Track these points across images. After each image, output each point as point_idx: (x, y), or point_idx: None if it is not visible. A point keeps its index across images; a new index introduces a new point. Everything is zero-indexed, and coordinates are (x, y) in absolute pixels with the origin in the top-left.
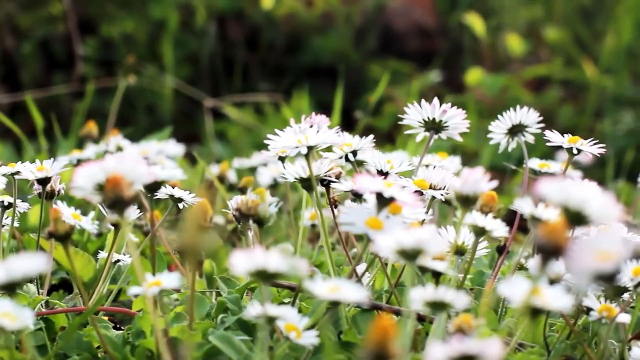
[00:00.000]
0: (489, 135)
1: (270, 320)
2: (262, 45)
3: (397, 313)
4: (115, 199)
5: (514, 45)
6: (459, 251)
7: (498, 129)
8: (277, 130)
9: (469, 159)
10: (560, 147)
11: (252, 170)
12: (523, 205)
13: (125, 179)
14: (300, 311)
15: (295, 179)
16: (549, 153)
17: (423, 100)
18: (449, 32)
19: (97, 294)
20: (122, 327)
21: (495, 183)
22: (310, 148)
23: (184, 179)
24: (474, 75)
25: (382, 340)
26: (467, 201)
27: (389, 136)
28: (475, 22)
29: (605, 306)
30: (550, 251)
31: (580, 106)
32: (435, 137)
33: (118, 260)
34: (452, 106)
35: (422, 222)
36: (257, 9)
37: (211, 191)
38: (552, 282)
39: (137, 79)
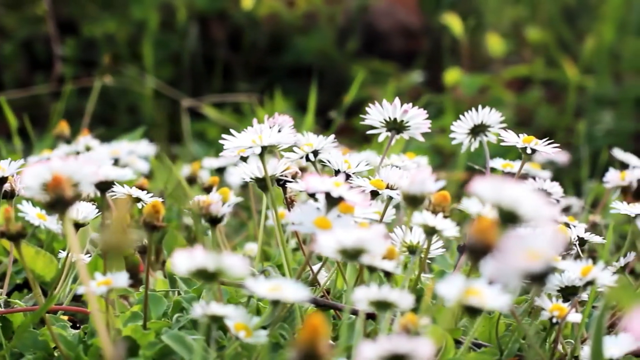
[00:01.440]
0: (451, 136)
1: (216, 319)
2: (245, 46)
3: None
4: (56, 198)
5: (495, 45)
6: (413, 250)
7: (460, 129)
8: (232, 131)
9: (446, 158)
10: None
11: (222, 170)
12: (470, 205)
13: (69, 179)
14: (258, 311)
15: (251, 178)
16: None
17: (384, 101)
18: (432, 32)
19: (56, 294)
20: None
21: (442, 183)
22: (264, 148)
23: (159, 179)
24: (452, 76)
25: (311, 339)
26: (415, 201)
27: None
28: (454, 23)
29: (556, 306)
30: (480, 250)
31: (561, 106)
32: (397, 137)
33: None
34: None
35: (381, 221)
36: (238, 9)
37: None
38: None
39: (118, 79)
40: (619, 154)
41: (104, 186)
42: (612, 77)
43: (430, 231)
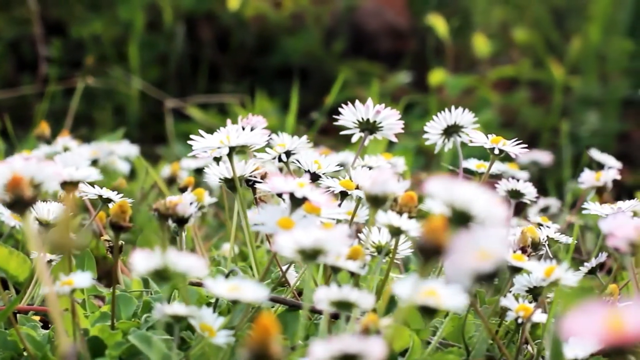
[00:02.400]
0: (425, 136)
1: (178, 319)
2: (232, 46)
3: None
4: (15, 199)
5: (481, 46)
6: (381, 251)
7: (433, 130)
8: (201, 131)
9: (431, 159)
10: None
11: (201, 170)
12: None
13: (29, 179)
14: (229, 311)
15: (220, 179)
16: None
17: (357, 102)
18: (420, 33)
19: (23, 294)
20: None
21: (406, 184)
22: (232, 149)
23: (141, 180)
24: (436, 76)
25: (263, 339)
26: (377, 201)
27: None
28: (438, 24)
29: (522, 306)
30: (431, 251)
31: (548, 107)
32: (371, 137)
33: (51, 260)
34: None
35: (352, 221)
36: (225, 10)
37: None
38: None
39: (105, 80)
40: (596, 154)
41: (69, 187)
42: (599, 77)
43: (395, 231)
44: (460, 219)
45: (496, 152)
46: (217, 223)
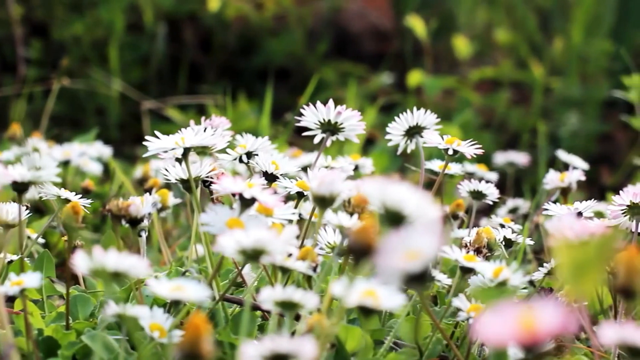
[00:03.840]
0: (387, 137)
1: (126, 319)
2: (215, 48)
3: (256, 308)
4: None
5: (461, 47)
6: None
7: (395, 131)
8: (157, 132)
9: (408, 160)
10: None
11: None
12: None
13: None
14: (188, 312)
15: (176, 180)
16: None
17: (318, 102)
18: (404, 34)
19: None
20: None
21: (355, 184)
22: (187, 150)
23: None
24: (414, 77)
25: (193, 339)
26: (324, 201)
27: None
28: (417, 25)
29: (474, 306)
30: (361, 251)
31: (530, 108)
32: (333, 138)
33: (11, 261)
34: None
35: (309, 221)
36: (207, 11)
37: None
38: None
39: (86, 81)
40: (562, 155)
41: (21, 187)
42: (580, 78)
43: (346, 232)
44: (393, 219)
45: (450, 152)
46: (189, 224)
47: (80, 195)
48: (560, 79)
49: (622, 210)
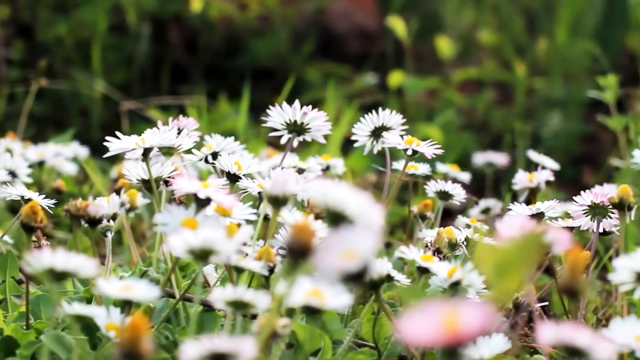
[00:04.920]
0: (353, 137)
1: (80, 319)
2: (200, 48)
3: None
4: None
5: (444, 48)
6: None
7: (361, 131)
8: (117, 133)
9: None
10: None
11: None
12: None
13: None
14: (146, 311)
15: (137, 180)
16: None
17: (284, 103)
18: (389, 34)
19: None
20: None
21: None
22: (147, 150)
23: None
24: (395, 78)
25: (133, 339)
26: (277, 202)
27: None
28: (398, 26)
29: None
30: (299, 251)
31: (513, 108)
32: (300, 138)
33: None
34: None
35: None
36: (190, 12)
37: None
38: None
39: (69, 82)
40: (533, 155)
41: None
42: (563, 79)
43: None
44: (335, 219)
45: (409, 152)
46: None
47: (43, 196)
48: (543, 80)
49: (584, 210)
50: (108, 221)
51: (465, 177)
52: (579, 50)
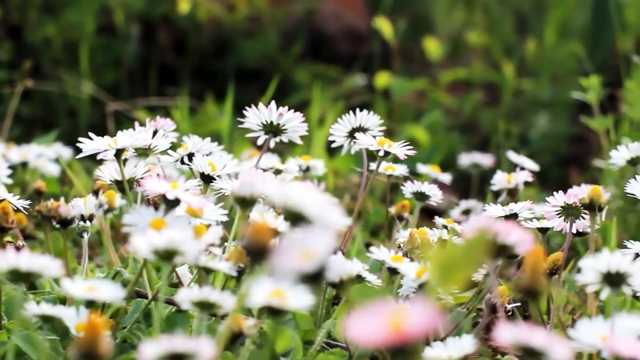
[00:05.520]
0: (330, 138)
1: (47, 319)
2: (189, 49)
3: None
4: None
5: (432, 49)
6: None
7: (338, 132)
8: (90, 134)
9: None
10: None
11: None
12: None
13: None
14: (116, 311)
15: (111, 181)
16: None
17: (260, 104)
18: (378, 35)
19: None
20: None
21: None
22: (119, 151)
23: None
24: (382, 79)
25: (91, 338)
26: (245, 202)
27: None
28: (384, 27)
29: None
30: (256, 252)
31: (500, 109)
32: (277, 139)
33: None
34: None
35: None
36: (178, 13)
37: None
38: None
39: (58, 84)
40: (512, 156)
41: None
42: (551, 80)
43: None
44: (295, 220)
45: (381, 153)
46: None
47: (17, 197)
48: (532, 81)
49: (557, 211)
50: (85, 222)
51: (446, 178)
52: (567, 52)
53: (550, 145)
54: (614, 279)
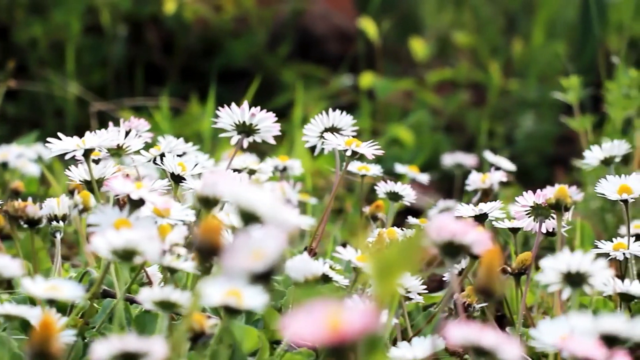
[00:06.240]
0: (303, 138)
1: (11, 319)
2: (176, 50)
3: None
4: None
5: (418, 49)
6: None
7: (311, 132)
8: (59, 134)
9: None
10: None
11: None
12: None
13: None
14: (81, 310)
15: (80, 181)
16: None
17: (233, 104)
18: (364, 36)
19: None
20: None
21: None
22: (87, 151)
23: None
24: (366, 79)
25: (44, 338)
26: (208, 203)
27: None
28: (369, 27)
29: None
30: (207, 251)
31: (485, 109)
32: (250, 139)
33: None
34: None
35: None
36: (166, 13)
37: None
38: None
39: (44, 84)
40: (489, 156)
41: None
42: (538, 80)
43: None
44: (247, 219)
45: (349, 153)
46: None
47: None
48: (519, 81)
49: (526, 211)
50: (58, 222)
51: (424, 178)
52: (554, 52)
53: (536, 145)
54: (575, 279)
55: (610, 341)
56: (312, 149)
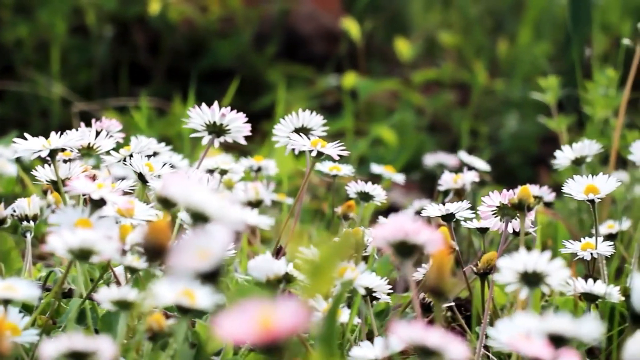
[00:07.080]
0: (274, 139)
1: None
2: (163, 50)
3: None
4: None
5: (403, 49)
6: None
7: (281, 132)
8: (25, 134)
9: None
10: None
11: None
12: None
13: None
14: (44, 309)
15: (47, 181)
16: None
17: (204, 104)
18: (347, 36)
19: None
20: None
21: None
22: (53, 151)
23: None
24: (349, 79)
25: None
26: (167, 203)
27: None
28: (352, 27)
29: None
30: (153, 251)
31: (469, 109)
32: (221, 140)
33: None
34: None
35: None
36: (152, 14)
37: None
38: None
39: (29, 84)
40: (464, 156)
41: None
42: (523, 80)
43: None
44: (197, 218)
45: (314, 154)
46: None
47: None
48: (504, 81)
49: (492, 211)
50: (29, 222)
51: (400, 178)
52: (539, 52)
53: (520, 145)
54: (531, 279)
55: (557, 341)
56: (294, 149)
